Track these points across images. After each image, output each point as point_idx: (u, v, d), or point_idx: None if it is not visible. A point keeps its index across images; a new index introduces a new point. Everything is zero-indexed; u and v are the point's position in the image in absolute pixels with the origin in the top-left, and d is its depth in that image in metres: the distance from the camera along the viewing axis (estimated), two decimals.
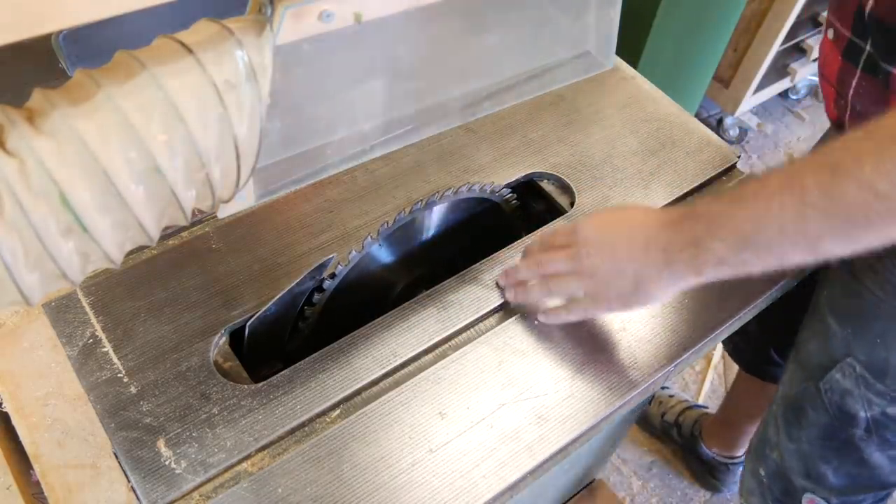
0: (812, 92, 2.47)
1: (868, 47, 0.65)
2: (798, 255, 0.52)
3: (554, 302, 0.69)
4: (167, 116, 0.37)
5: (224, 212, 0.47)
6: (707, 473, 1.54)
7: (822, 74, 0.80)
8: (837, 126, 0.80)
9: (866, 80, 0.68)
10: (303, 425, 0.63)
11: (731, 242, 0.54)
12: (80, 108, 0.35)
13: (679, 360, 0.70)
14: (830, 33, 0.75)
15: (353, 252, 0.70)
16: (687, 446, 1.56)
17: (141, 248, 0.73)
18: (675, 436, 1.56)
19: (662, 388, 1.62)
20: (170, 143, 0.37)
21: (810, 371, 0.87)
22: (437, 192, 0.75)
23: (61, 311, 0.68)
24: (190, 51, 0.38)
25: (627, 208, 0.66)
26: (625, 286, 0.61)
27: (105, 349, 0.66)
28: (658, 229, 0.59)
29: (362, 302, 0.76)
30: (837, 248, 0.50)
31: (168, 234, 0.75)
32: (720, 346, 1.69)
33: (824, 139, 0.94)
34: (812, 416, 0.87)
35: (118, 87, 0.36)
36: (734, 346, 1.28)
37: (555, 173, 0.86)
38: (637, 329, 0.72)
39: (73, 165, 0.34)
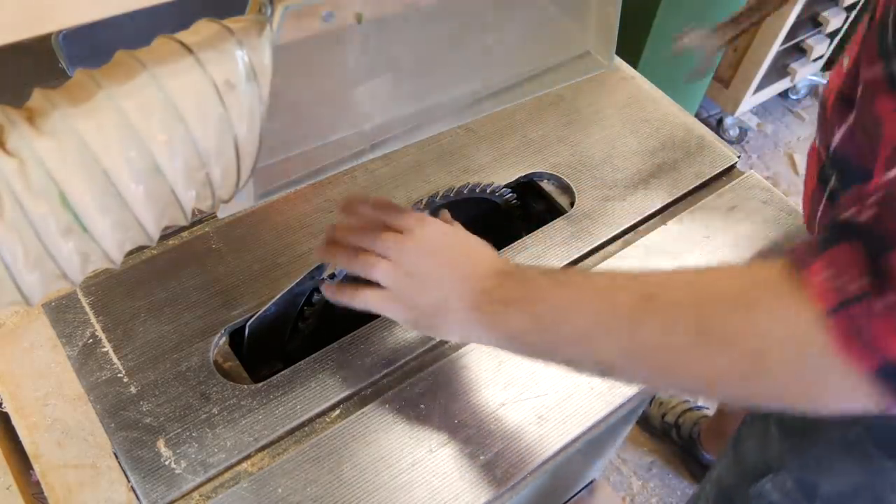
0: (812, 92, 2.47)
1: (833, 181, 0.60)
2: (583, 368, 0.51)
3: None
4: (167, 116, 0.37)
5: (224, 212, 0.47)
6: (705, 475, 1.54)
7: (805, 184, 0.74)
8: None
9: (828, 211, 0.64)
10: (303, 425, 0.63)
11: (528, 321, 0.51)
12: (80, 107, 0.35)
13: None
14: (818, 141, 0.70)
15: None
16: (686, 448, 1.56)
17: (141, 248, 0.73)
18: (674, 437, 1.56)
19: None
20: (170, 143, 0.37)
21: (744, 469, 0.84)
22: (437, 192, 0.75)
23: (61, 311, 0.68)
24: (190, 51, 0.38)
25: (476, 241, 0.59)
26: (427, 303, 0.56)
27: (105, 349, 0.66)
28: (487, 273, 0.55)
29: None
30: (625, 376, 0.49)
31: (168, 234, 0.75)
32: None
33: None
34: None
35: (118, 87, 0.36)
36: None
37: (555, 173, 0.86)
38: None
39: (74, 165, 0.34)
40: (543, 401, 0.66)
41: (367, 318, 0.71)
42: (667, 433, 1.57)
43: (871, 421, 0.65)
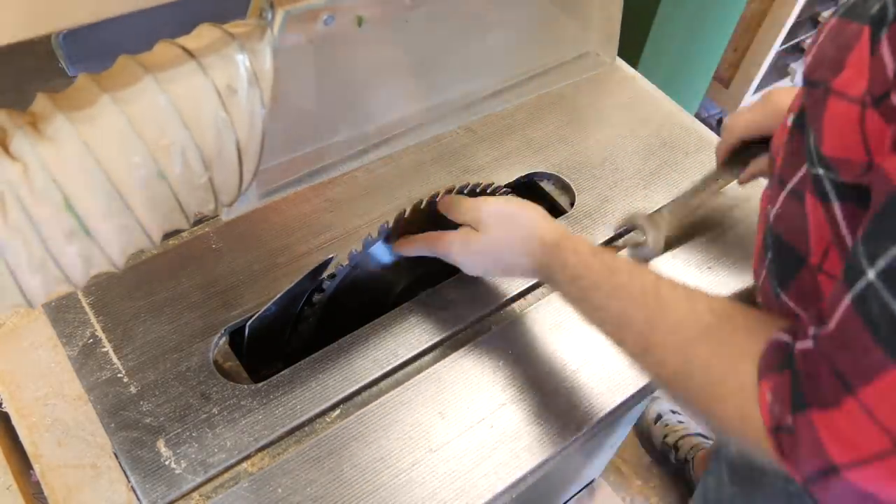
0: None
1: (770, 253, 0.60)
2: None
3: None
4: (169, 121, 0.37)
5: (227, 215, 0.48)
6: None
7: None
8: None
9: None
10: (303, 425, 0.63)
11: (568, 293, 0.61)
12: (83, 112, 0.35)
13: None
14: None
15: (354, 251, 0.70)
16: (679, 470, 1.56)
17: (141, 249, 0.73)
18: (671, 458, 1.57)
19: (673, 411, 1.63)
20: (172, 147, 0.37)
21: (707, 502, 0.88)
22: (438, 192, 0.75)
23: (61, 311, 0.68)
24: (192, 56, 0.38)
25: (527, 211, 0.66)
26: (489, 263, 0.66)
27: (105, 349, 0.66)
28: (539, 248, 0.63)
29: (362, 302, 0.76)
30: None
31: (168, 234, 0.75)
32: None
33: None
34: None
35: (121, 92, 0.36)
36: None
37: (555, 173, 0.86)
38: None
39: (77, 170, 0.35)
40: (543, 401, 0.66)
41: (367, 318, 0.71)
42: (665, 454, 1.58)
43: None
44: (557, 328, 0.72)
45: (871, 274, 0.36)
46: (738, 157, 0.77)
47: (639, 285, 0.54)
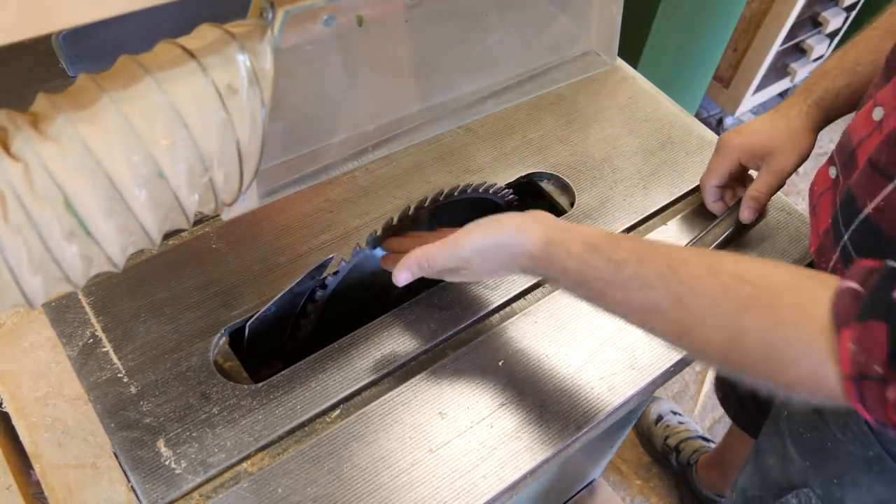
0: None
1: (846, 237, 0.61)
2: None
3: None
4: (170, 121, 0.37)
5: (228, 214, 0.48)
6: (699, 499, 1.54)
7: (811, 201, 0.75)
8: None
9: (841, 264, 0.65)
10: (303, 425, 0.63)
11: (579, 295, 0.60)
12: (83, 112, 0.35)
13: (678, 360, 0.70)
14: (832, 171, 0.70)
15: (354, 250, 0.70)
16: (681, 474, 1.56)
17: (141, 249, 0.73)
18: (672, 461, 1.56)
19: (674, 412, 1.62)
20: (173, 147, 0.37)
21: (767, 483, 0.86)
22: (438, 192, 0.75)
23: (61, 311, 0.68)
24: (192, 56, 0.38)
25: (505, 230, 0.63)
26: (489, 278, 0.66)
27: (105, 349, 0.66)
28: (530, 263, 0.61)
29: (362, 302, 0.76)
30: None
31: (168, 234, 0.75)
32: None
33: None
34: None
35: (121, 92, 0.36)
36: (724, 394, 1.27)
37: (555, 173, 0.86)
38: (637, 330, 0.72)
39: (77, 170, 0.35)
40: (543, 401, 0.66)
41: (368, 318, 0.71)
42: (666, 456, 1.58)
43: (887, 439, 0.66)
44: (557, 328, 0.72)
45: None
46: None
47: (653, 272, 0.53)
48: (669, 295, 0.51)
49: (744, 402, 1.20)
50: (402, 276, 0.64)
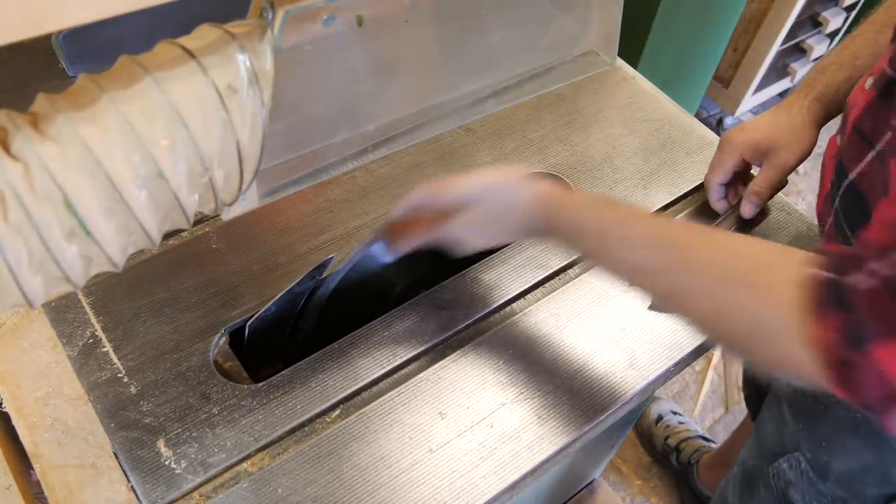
0: None
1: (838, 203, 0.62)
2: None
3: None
4: (170, 121, 0.37)
5: (228, 214, 0.48)
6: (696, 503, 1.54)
7: (822, 170, 0.76)
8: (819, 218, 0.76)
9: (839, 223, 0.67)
10: (303, 425, 0.63)
11: (571, 241, 0.62)
12: (83, 112, 0.35)
13: (679, 360, 0.70)
14: (838, 139, 0.70)
15: (353, 251, 0.70)
16: (681, 474, 1.56)
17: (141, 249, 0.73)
18: (672, 461, 1.56)
19: (674, 412, 1.62)
20: (173, 147, 0.37)
21: (764, 451, 0.88)
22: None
23: (61, 311, 0.68)
24: (192, 56, 0.38)
25: (511, 183, 0.65)
26: (494, 229, 0.67)
27: (105, 349, 0.66)
28: (533, 209, 0.63)
29: (362, 302, 0.76)
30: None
31: (168, 234, 0.75)
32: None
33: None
34: (763, 494, 0.89)
35: (121, 92, 0.36)
36: (749, 395, 1.28)
37: (555, 173, 0.86)
38: (637, 329, 0.72)
39: (77, 170, 0.35)
40: (543, 401, 0.66)
41: (367, 318, 0.71)
42: (666, 456, 1.58)
43: None
44: (558, 328, 0.72)
45: None
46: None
47: (648, 234, 0.55)
48: (661, 259, 0.53)
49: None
50: (404, 242, 0.67)
